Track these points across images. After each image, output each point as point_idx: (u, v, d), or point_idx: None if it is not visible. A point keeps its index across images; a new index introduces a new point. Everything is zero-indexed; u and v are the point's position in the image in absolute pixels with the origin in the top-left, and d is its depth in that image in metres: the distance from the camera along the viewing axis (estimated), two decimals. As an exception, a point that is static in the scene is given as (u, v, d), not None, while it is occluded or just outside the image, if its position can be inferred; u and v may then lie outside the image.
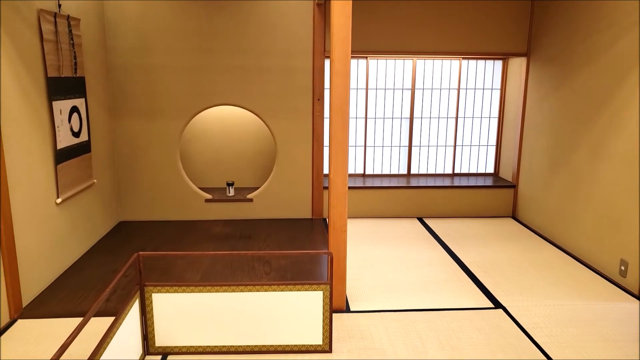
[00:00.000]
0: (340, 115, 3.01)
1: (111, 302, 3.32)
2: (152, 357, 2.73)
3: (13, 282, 3.08)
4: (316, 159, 5.19)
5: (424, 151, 5.73)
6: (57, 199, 3.71)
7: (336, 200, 3.14)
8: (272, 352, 2.77)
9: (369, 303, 3.40)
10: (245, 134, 5.54)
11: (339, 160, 3.08)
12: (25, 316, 3.14)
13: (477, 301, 3.45)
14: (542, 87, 4.88)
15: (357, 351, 2.81)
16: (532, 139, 5.09)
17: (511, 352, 2.82)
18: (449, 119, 5.67)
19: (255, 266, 3.99)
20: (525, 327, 3.10)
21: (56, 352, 1.70)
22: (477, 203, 5.44)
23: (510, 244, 4.58)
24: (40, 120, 3.50)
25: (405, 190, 5.39)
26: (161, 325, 2.71)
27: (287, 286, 2.71)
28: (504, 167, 5.73)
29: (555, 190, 4.65)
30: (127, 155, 4.99)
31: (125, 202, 5.09)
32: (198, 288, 2.68)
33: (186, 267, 3.94)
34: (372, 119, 5.58)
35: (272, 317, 2.73)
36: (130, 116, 4.91)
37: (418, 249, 4.45)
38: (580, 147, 4.26)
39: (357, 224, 5.14)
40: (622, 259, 3.71)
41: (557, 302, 3.45)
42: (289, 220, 5.25)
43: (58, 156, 3.71)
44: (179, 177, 5.09)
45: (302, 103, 5.02)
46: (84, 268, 3.90)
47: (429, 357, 2.76)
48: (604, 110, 3.94)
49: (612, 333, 3.04)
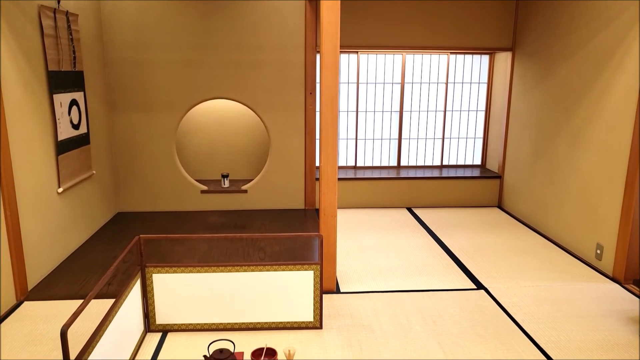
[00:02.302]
0: (330, 105, 3.17)
1: (113, 285, 3.48)
2: (153, 334, 2.90)
3: (19, 266, 3.23)
4: (308, 152, 5.35)
5: (413, 144, 5.91)
6: (59, 189, 3.85)
7: (327, 187, 3.31)
8: (267, 329, 2.94)
9: (358, 285, 3.58)
10: (240, 127, 5.69)
11: (329, 149, 3.25)
12: (31, 298, 3.29)
13: (460, 283, 3.64)
14: (526, 81, 5.08)
15: (346, 327, 2.99)
16: (517, 131, 5.29)
17: (491, 328, 3.01)
18: (438, 112, 5.85)
19: (249, 252, 4.16)
20: (505, 306, 3.29)
21: (70, 317, 1.86)
22: (464, 193, 5.64)
23: (495, 232, 4.78)
24: (42, 112, 3.64)
25: (395, 182, 5.57)
26: (161, 304, 2.88)
27: (280, 266, 2.88)
28: (490, 159, 5.92)
29: (538, 180, 4.85)
30: (124, 147, 5.13)
31: (123, 193, 5.24)
32: (196, 269, 2.85)
33: (184, 253, 4.10)
34: (362, 113, 5.75)
35: (266, 295, 2.90)
36: (127, 109, 5.05)
37: (406, 236, 4.63)
38: (561, 138, 4.45)
39: (348, 214, 5.32)
40: (598, 243, 3.92)
41: (535, 283, 3.64)
42: (282, 210, 5.41)
43: (59, 147, 3.85)
44: (175, 169, 5.24)
45: (295, 97, 5.18)
46: (85, 255, 4.05)
47: (414, 332, 2.94)
48: (582, 101, 4.14)
49: (585, 310, 3.24)
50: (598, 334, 2.95)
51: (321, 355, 2.69)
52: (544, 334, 2.95)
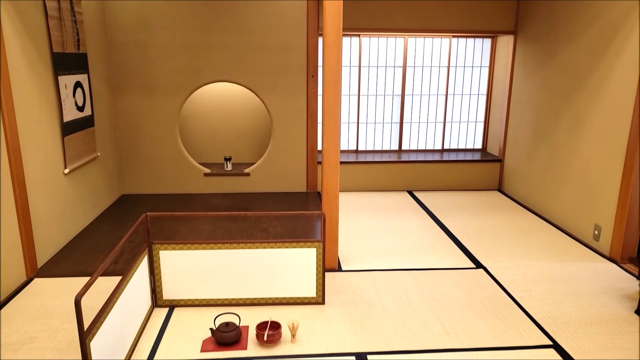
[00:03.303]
0: (333, 86, 3.21)
1: (119, 264, 3.56)
2: (160, 309, 2.98)
3: (28, 244, 3.31)
4: (310, 135, 5.40)
5: (414, 127, 5.95)
6: (65, 170, 3.91)
7: (329, 167, 3.36)
8: (270, 304, 3.02)
9: (359, 264, 3.65)
10: (242, 111, 5.73)
11: (331, 130, 3.29)
12: (41, 275, 3.38)
13: (460, 262, 3.71)
14: (527, 65, 5.09)
15: (348, 303, 3.07)
16: (517, 115, 5.32)
17: (489, 304, 3.09)
18: (439, 96, 5.88)
19: (253, 233, 4.23)
20: (503, 284, 3.37)
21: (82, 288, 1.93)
22: (464, 177, 5.69)
23: (494, 214, 4.84)
24: (48, 94, 3.68)
25: (396, 165, 5.63)
26: (168, 280, 2.95)
27: (283, 244, 2.95)
28: (491, 143, 5.96)
29: (537, 163, 4.90)
30: (128, 130, 5.18)
31: (126, 175, 5.30)
32: (202, 246, 2.92)
33: (188, 234, 4.17)
34: (364, 96, 5.78)
35: (270, 272, 2.98)
36: (131, 92, 5.09)
37: (407, 218, 4.70)
38: (561, 122, 4.49)
39: (349, 197, 5.38)
40: (596, 224, 3.98)
41: (533, 263, 3.72)
42: (284, 193, 5.48)
43: (65, 129, 3.90)
44: (179, 152, 5.30)
45: (297, 80, 5.21)
46: (91, 235, 4.13)
47: (414, 308, 3.02)
48: (583, 86, 4.17)
49: (581, 288, 3.31)
50: (593, 310, 3.03)
51: (324, 329, 2.78)
52: (540, 310, 3.02)
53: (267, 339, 2.57)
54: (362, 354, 2.56)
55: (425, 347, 2.63)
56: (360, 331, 2.77)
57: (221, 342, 2.59)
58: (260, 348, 2.59)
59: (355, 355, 2.55)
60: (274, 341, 2.59)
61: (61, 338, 2.66)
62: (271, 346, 2.60)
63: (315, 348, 2.60)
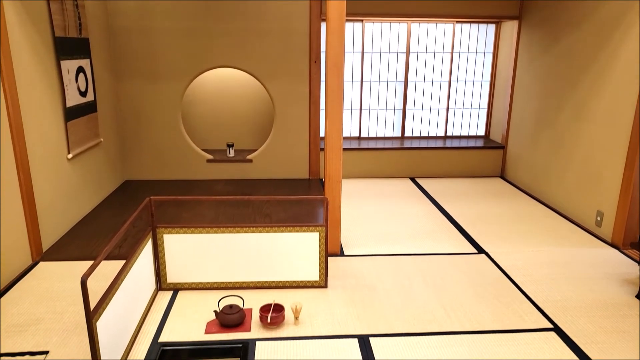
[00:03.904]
0: (336, 70, 3.20)
1: (123, 248, 3.58)
2: (164, 292, 3.01)
3: (33, 228, 3.33)
4: (313, 121, 5.39)
5: (417, 114, 5.93)
6: (69, 155, 3.92)
7: (332, 153, 3.36)
8: (274, 288, 3.05)
9: (361, 249, 3.67)
10: (245, 97, 5.71)
11: (334, 115, 3.29)
12: (46, 259, 3.41)
13: (462, 247, 3.73)
14: (531, 51, 5.06)
15: (350, 287, 3.09)
16: (521, 101, 5.30)
17: (490, 288, 3.11)
18: (442, 83, 5.85)
19: (256, 219, 4.25)
20: (505, 269, 3.38)
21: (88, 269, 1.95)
22: (467, 164, 5.69)
23: (497, 200, 4.85)
24: (50, 78, 3.68)
25: (399, 152, 5.62)
26: (172, 263, 2.98)
27: (286, 228, 2.96)
28: (494, 130, 5.95)
29: (541, 150, 4.89)
30: (130, 116, 5.18)
31: (129, 161, 5.31)
32: (206, 229, 2.94)
33: (191, 219, 4.19)
34: (367, 82, 5.75)
35: (273, 256, 3.00)
36: (133, 78, 5.08)
37: (409, 204, 4.71)
38: (565, 108, 4.47)
39: (352, 183, 5.39)
40: (599, 210, 3.99)
41: (535, 248, 3.73)
42: (287, 180, 5.48)
43: (68, 114, 3.90)
44: (181, 138, 5.30)
45: (300, 65, 5.18)
46: (95, 220, 4.15)
47: (415, 292, 3.05)
48: (587, 72, 4.14)
49: (582, 273, 3.33)
50: (594, 294, 3.05)
51: (326, 312, 2.80)
52: (542, 294, 3.04)
53: (270, 321, 2.60)
54: (364, 336, 2.58)
55: (426, 329, 2.66)
56: (363, 314, 2.79)
57: (225, 324, 2.62)
58: (264, 330, 2.62)
59: (357, 337, 2.58)
60: (277, 323, 2.62)
61: (67, 320, 2.69)
62: (274, 328, 2.63)
63: (318, 330, 2.63)
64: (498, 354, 2.45)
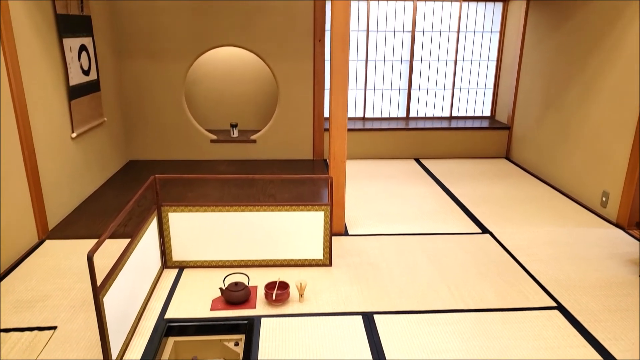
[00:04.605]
0: (341, 47, 3.15)
1: (129, 227, 3.60)
2: (169, 270, 3.03)
3: (39, 206, 3.35)
4: (317, 101, 5.35)
5: (423, 94, 5.88)
6: (72, 134, 3.92)
7: (336, 132, 3.34)
8: (279, 266, 3.07)
9: (365, 229, 3.68)
10: (248, 76, 5.67)
11: (339, 94, 3.25)
12: (52, 237, 3.43)
13: (466, 227, 3.73)
14: (539, 30, 4.97)
15: (354, 265, 3.11)
16: (528, 81, 5.23)
17: (494, 267, 3.12)
18: (448, 62, 5.78)
19: (260, 199, 4.25)
20: (509, 248, 3.39)
21: (94, 245, 1.96)
22: (472, 144, 5.65)
23: (502, 181, 4.83)
24: (53, 56, 3.65)
25: (403, 132, 5.59)
26: (177, 241, 2.99)
27: (291, 207, 2.97)
28: (500, 110, 5.89)
29: (547, 130, 4.85)
30: (134, 95, 5.15)
31: (133, 141, 5.31)
32: (211, 208, 2.94)
33: (195, 199, 4.20)
34: (372, 62, 5.69)
35: (278, 234, 3.01)
36: (136, 57, 5.03)
37: (414, 185, 4.70)
38: (572, 88, 4.41)
39: (356, 164, 5.37)
40: (604, 190, 3.97)
41: (540, 228, 3.73)
42: (290, 161, 5.47)
43: (71, 92, 3.88)
44: (185, 118, 5.28)
45: (304, 44, 5.12)
46: (100, 199, 4.17)
47: (419, 271, 3.06)
48: (596, 51, 4.07)
49: (586, 253, 3.33)
50: (598, 274, 3.05)
51: (331, 289, 2.82)
52: (545, 274, 3.05)
53: (275, 298, 2.62)
54: (369, 314, 2.60)
55: (430, 307, 2.68)
56: (367, 292, 2.81)
57: (230, 301, 2.64)
58: (269, 307, 2.64)
59: (361, 314, 2.60)
60: (282, 300, 2.64)
61: (74, 296, 2.72)
62: (279, 305, 2.65)
63: (323, 307, 2.65)
64: (502, 331, 2.47)
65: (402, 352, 2.30)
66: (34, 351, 2.28)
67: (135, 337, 2.38)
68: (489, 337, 2.42)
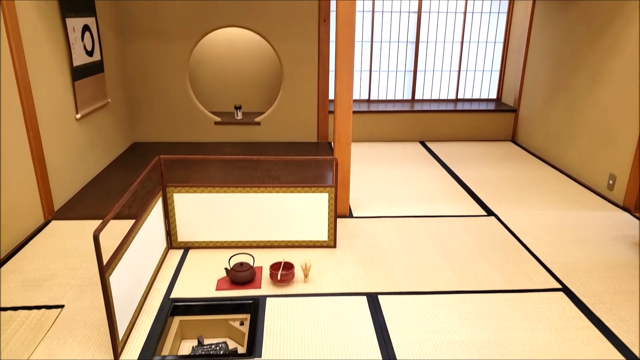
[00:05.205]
0: (347, 27, 3.11)
1: (133, 208, 3.61)
2: (175, 250, 3.05)
3: (44, 187, 3.36)
4: (322, 83, 5.30)
5: (428, 76, 5.81)
6: (77, 115, 3.91)
7: (341, 114, 3.32)
8: (283, 247, 3.08)
9: (370, 211, 3.68)
10: (252, 58, 5.61)
11: (344, 74, 3.22)
12: (58, 218, 3.45)
13: (471, 210, 3.72)
14: (547, 10, 4.88)
15: (359, 247, 3.11)
16: (535, 63, 5.16)
17: (499, 250, 3.11)
18: (455, 44, 5.70)
19: (264, 181, 4.25)
20: (514, 231, 3.38)
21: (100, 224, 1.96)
22: (478, 127, 5.60)
23: (507, 164, 4.80)
24: (56, 36, 3.62)
25: (409, 115, 5.54)
26: (182, 222, 3.00)
27: (295, 188, 2.96)
28: (506, 93, 5.83)
29: (554, 113, 4.79)
30: (137, 77, 5.12)
31: (137, 123, 5.29)
32: (215, 189, 2.94)
33: (200, 181, 4.20)
34: (377, 43, 5.62)
35: (283, 216, 3.01)
36: (140, 38, 4.99)
37: (419, 168, 4.68)
38: (581, 70, 4.35)
39: (361, 147, 5.35)
40: (611, 173, 3.94)
41: (545, 211, 3.71)
42: (295, 143, 5.45)
43: (75, 73, 3.86)
44: (189, 100, 5.25)
45: (309, 25, 5.05)
46: (104, 181, 4.18)
47: (424, 252, 3.06)
48: (606, 32, 4.00)
49: (592, 236, 3.32)
50: (603, 257, 3.04)
51: (335, 270, 2.83)
52: (550, 256, 3.05)
53: (280, 278, 2.63)
54: (373, 294, 2.61)
55: (434, 288, 2.68)
56: (371, 273, 2.82)
57: (236, 281, 2.65)
58: (274, 287, 2.66)
59: (366, 295, 2.61)
60: (287, 280, 2.65)
61: (81, 275, 2.74)
62: (284, 285, 2.66)
63: (328, 288, 2.66)
64: (506, 312, 2.48)
65: (406, 332, 2.31)
66: (42, 328, 2.30)
67: (141, 316, 2.40)
68: (493, 318, 2.43)
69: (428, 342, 2.25)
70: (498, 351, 2.20)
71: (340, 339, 2.26)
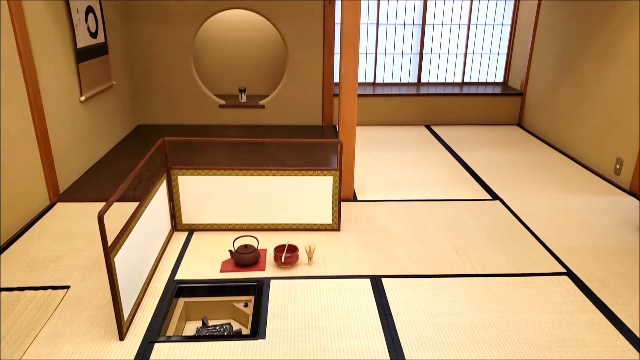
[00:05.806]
0: (352, 9, 3.06)
1: (138, 190, 3.62)
2: (179, 232, 3.06)
3: (50, 169, 3.37)
4: (327, 65, 5.25)
5: (434, 59, 5.74)
6: (81, 97, 3.89)
7: (346, 96, 3.28)
8: (287, 230, 3.08)
9: (374, 195, 3.67)
10: (257, 40, 5.56)
11: (349, 57, 3.18)
12: (63, 200, 3.47)
13: (476, 194, 3.70)
14: (558, -10, 4.78)
15: (363, 230, 3.11)
16: (543, 46, 5.07)
17: (504, 234, 3.10)
18: (461, 26, 5.62)
19: (269, 165, 4.23)
20: (520, 215, 3.36)
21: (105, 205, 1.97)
22: (484, 111, 5.55)
23: (513, 148, 4.76)
24: (60, 18, 3.59)
25: (414, 98, 5.49)
26: (187, 205, 3.01)
27: (300, 171, 2.95)
28: (513, 76, 5.75)
29: (561, 96, 4.73)
30: (142, 59, 5.09)
31: (142, 106, 5.28)
32: (220, 172, 2.93)
33: (204, 164, 4.19)
34: (383, 25, 5.54)
35: (287, 199, 3.00)
36: (144, 20, 4.94)
37: (424, 152, 4.65)
38: (589, 52, 4.27)
39: (365, 131, 5.31)
40: (618, 157, 3.89)
41: (551, 196, 3.69)
42: (299, 127, 5.42)
43: (79, 55, 3.84)
44: (193, 83, 5.22)
45: (314, 6, 4.99)
46: (109, 163, 4.18)
47: (429, 236, 3.05)
48: (615, 13, 3.91)
49: (598, 220, 3.30)
50: (609, 241, 3.03)
51: (339, 253, 2.84)
52: (556, 240, 3.03)
53: (284, 260, 2.64)
54: (377, 277, 2.62)
55: (439, 272, 2.68)
56: (375, 256, 2.82)
57: (240, 263, 2.66)
58: (278, 269, 2.66)
59: (369, 277, 2.61)
60: (291, 263, 2.66)
61: (86, 257, 2.76)
62: (288, 268, 2.67)
63: (332, 270, 2.67)
64: (510, 295, 2.48)
65: (410, 314, 2.32)
66: (48, 308, 2.33)
67: (146, 297, 2.42)
68: (497, 301, 2.43)
69: (431, 325, 2.25)
70: (501, 333, 2.21)
71: (344, 321, 2.27)
